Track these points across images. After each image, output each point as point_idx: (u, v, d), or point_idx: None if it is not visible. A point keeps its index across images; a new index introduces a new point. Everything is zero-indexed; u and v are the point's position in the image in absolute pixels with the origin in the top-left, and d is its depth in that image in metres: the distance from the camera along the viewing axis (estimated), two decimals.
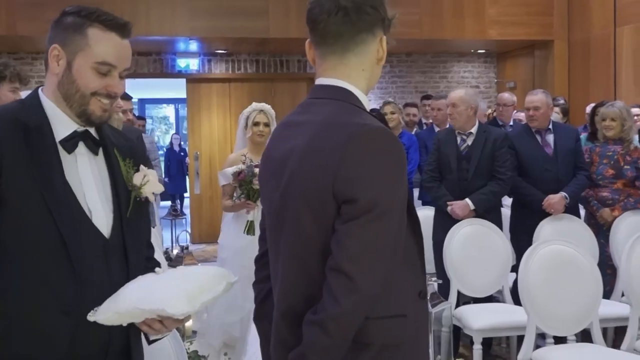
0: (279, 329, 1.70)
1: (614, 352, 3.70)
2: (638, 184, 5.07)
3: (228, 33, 9.09)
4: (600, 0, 9.30)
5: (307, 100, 1.80)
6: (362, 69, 1.74)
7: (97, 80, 1.81)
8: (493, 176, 4.86)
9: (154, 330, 1.76)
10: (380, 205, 1.57)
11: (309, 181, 1.61)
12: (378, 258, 1.58)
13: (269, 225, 1.78)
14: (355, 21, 1.69)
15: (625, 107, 5.21)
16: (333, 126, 1.64)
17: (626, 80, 8.89)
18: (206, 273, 1.79)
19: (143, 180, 1.88)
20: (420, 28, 9.40)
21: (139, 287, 1.70)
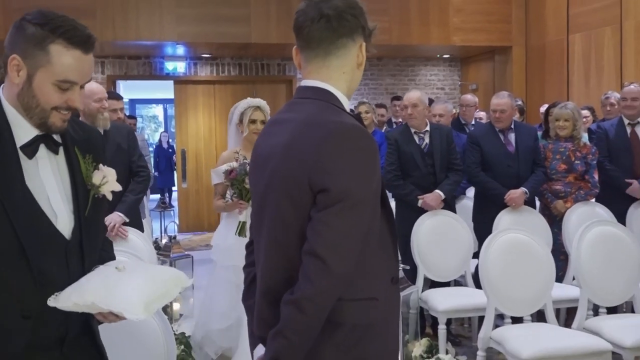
0: (260, 307, 1.71)
1: (566, 331, 3.73)
2: (587, 177, 5.12)
3: (212, 38, 9.05)
4: (554, 10, 9.38)
5: (293, 100, 1.82)
6: (343, 72, 1.76)
7: (58, 96, 1.70)
8: (450, 167, 4.94)
9: (108, 320, 1.71)
10: (353, 196, 1.58)
11: (289, 173, 1.62)
12: (350, 244, 1.59)
13: (253, 215, 1.80)
14: (336, 27, 1.70)
15: (576, 108, 5.26)
16: (313, 124, 1.65)
17: (577, 83, 8.98)
18: (164, 277, 1.73)
19: (102, 180, 1.80)
20: (390, 35, 9.41)
21: (101, 284, 1.64)
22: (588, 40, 8.76)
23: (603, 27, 8.47)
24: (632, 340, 3.46)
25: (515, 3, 9.92)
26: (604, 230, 4.00)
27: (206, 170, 11.10)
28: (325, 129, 1.61)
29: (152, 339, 2.08)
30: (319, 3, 1.71)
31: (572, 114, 5.13)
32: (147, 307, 1.61)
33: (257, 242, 1.76)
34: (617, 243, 3.96)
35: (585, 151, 5.12)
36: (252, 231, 1.87)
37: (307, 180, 1.59)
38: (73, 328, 1.78)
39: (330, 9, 1.69)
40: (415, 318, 4.65)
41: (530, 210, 5.06)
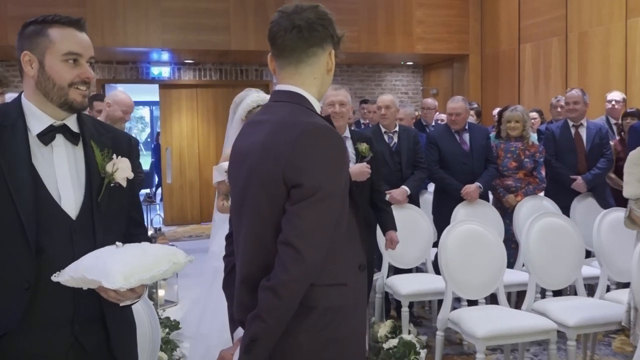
0: (240, 293, 1.71)
1: (516, 312, 3.78)
2: (535, 173, 5.19)
3: (195, 45, 8.98)
4: (506, 22, 9.47)
5: (268, 103, 1.83)
6: (314, 77, 1.76)
7: (70, 72, 1.76)
8: (416, 166, 4.96)
9: (110, 297, 1.66)
10: (324, 190, 1.59)
11: (266, 170, 1.62)
12: (321, 234, 1.60)
13: (233, 208, 1.79)
14: (307, 37, 1.71)
15: (525, 111, 5.32)
16: (287, 124, 1.65)
17: (527, 88, 9.08)
18: (156, 252, 1.70)
19: (113, 167, 1.81)
20: (359, 43, 9.43)
21: (95, 257, 1.63)
22: (537, 49, 8.86)
23: (550, 37, 8.58)
24: (575, 319, 3.52)
25: (472, 16, 10.00)
26: (550, 222, 4.05)
27: (189, 167, 11.04)
28: (298, 129, 1.61)
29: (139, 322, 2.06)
30: (291, 15, 1.71)
31: (521, 116, 5.18)
32: (126, 277, 1.57)
33: (237, 233, 1.75)
34: (561, 233, 4.01)
35: (534, 150, 5.17)
36: (231, 223, 1.87)
37: (282, 176, 1.59)
38: (82, 308, 1.75)
39: (301, 20, 1.70)
40: (380, 302, 4.67)
41: (484, 204, 5.10)
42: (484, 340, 3.35)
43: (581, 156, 5.27)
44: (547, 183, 5.25)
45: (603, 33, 7.71)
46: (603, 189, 5.35)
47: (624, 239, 3.88)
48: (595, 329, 3.72)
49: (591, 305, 3.75)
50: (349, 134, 3.75)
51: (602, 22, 7.72)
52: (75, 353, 1.75)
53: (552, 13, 8.53)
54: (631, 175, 3.46)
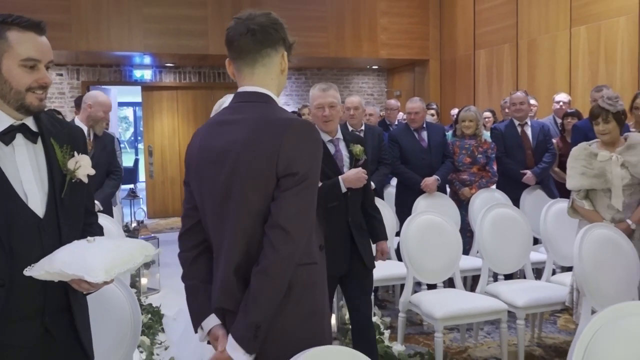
0: (230, 283, 1.67)
1: (471, 294, 3.82)
2: (488, 168, 5.25)
3: (175, 50, 8.87)
4: (463, 30, 9.55)
5: (234, 105, 1.78)
6: (271, 77, 1.77)
7: (27, 76, 1.65)
8: (380, 162, 4.96)
9: (82, 288, 1.64)
10: (310, 177, 1.64)
11: (255, 163, 1.62)
12: (307, 216, 1.65)
13: (211, 204, 1.72)
14: (260, 39, 1.72)
15: (477, 111, 5.37)
16: (270, 121, 1.66)
17: (482, 90, 9.18)
18: (129, 246, 1.68)
19: (76, 165, 1.75)
20: (328, 48, 9.43)
21: (70, 252, 1.60)
22: (490, 55, 8.96)
23: (502, 44, 8.68)
24: (523, 301, 3.58)
25: (432, 24, 10.06)
26: (502, 212, 4.09)
27: (170, 164, 10.93)
28: (285, 124, 1.64)
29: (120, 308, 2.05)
30: (245, 20, 1.73)
31: (474, 116, 5.24)
32: (108, 271, 1.56)
33: (218, 230, 1.71)
34: (512, 222, 4.06)
35: (486, 146, 5.23)
36: (187, 221, 1.82)
37: (275, 168, 1.61)
38: (51, 299, 1.72)
39: (255, 25, 1.72)
40: None
41: (442, 196, 5.13)
42: (441, 320, 3.38)
43: (528, 152, 5.34)
44: (498, 177, 5.31)
45: (550, 40, 7.83)
46: (548, 181, 5.43)
47: (567, 227, 3.94)
48: (542, 309, 3.78)
49: (538, 287, 3.81)
50: (341, 135, 3.25)
51: (549, 30, 7.84)
52: (45, 342, 1.72)
53: (504, 22, 8.63)
54: (573, 169, 3.51)
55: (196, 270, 1.78)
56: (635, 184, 3.39)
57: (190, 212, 1.81)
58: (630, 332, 1.68)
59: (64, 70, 9.81)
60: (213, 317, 1.73)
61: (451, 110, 8.37)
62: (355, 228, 3.11)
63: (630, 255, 3.26)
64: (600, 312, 1.72)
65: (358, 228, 3.13)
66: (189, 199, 1.82)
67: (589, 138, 3.86)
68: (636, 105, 4.58)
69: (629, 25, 6.71)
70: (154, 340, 4.16)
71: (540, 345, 4.16)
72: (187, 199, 1.83)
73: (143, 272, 5.49)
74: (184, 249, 1.83)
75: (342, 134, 3.25)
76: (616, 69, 6.89)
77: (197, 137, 1.81)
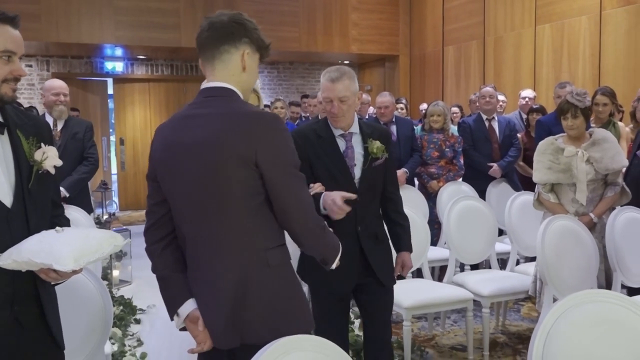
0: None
1: (438, 284, 3.83)
2: (455, 162, 5.30)
3: (147, 42, 8.75)
4: (432, 27, 9.62)
5: (199, 100, 1.78)
6: (231, 74, 1.76)
7: (3, 68, 1.67)
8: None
9: (50, 278, 1.63)
10: (290, 164, 1.72)
11: (237, 153, 1.63)
12: (303, 196, 1.75)
13: (186, 198, 1.71)
14: (218, 36, 1.74)
15: (445, 106, 5.42)
16: (242, 113, 1.67)
17: (450, 86, 9.28)
18: (98, 236, 1.67)
19: (43, 156, 1.74)
20: (300, 43, 9.41)
21: (38, 242, 1.59)
22: (458, 51, 9.05)
23: (470, 41, 8.77)
24: (488, 290, 3.63)
25: (401, 20, 10.11)
26: (468, 204, 4.12)
27: (142, 156, 10.80)
28: (257, 116, 1.68)
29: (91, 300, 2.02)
30: (211, 18, 1.77)
31: (442, 111, 5.27)
32: (77, 259, 1.55)
33: (198, 220, 1.71)
34: (478, 214, 4.10)
35: (453, 140, 5.28)
36: (153, 215, 1.82)
37: (255, 156, 1.63)
38: (20, 289, 1.69)
39: (217, 22, 1.75)
40: None
41: (410, 188, 5.16)
42: (409, 309, 3.40)
43: (495, 146, 5.41)
44: (465, 170, 5.37)
45: (515, 38, 7.94)
46: (513, 174, 5.52)
47: (531, 219, 4.01)
48: (506, 297, 3.83)
49: (503, 277, 3.87)
50: (357, 129, 2.58)
51: (515, 28, 7.95)
52: (15, 331, 1.70)
53: (471, 19, 8.72)
54: (540, 163, 3.54)
55: (165, 261, 1.78)
56: (599, 179, 3.45)
57: (155, 207, 1.81)
58: (588, 319, 1.73)
59: (33, 62, 9.58)
60: (189, 302, 1.75)
61: (420, 105, 8.44)
62: (367, 238, 2.55)
63: (589, 245, 3.34)
64: (561, 300, 1.76)
65: (372, 239, 2.57)
66: (153, 195, 1.81)
67: (552, 133, 3.92)
68: (596, 102, 4.68)
69: (591, 24, 6.85)
70: (126, 332, 4.12)
71: (505, 332, 4.24)
72: (152, 194, 1.81)
73: (115, 264, 5.42)
74: (150, 242, 1.82)
75: (359, 126, 2.59)
76: (578, 66, 7.04)
77: (161, 133, 1.79)
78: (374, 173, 2.56)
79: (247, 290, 1.68)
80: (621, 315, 1.74)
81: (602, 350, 1.69)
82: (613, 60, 6.62)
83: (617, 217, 3.42)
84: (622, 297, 1.80)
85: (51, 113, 4.28)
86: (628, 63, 6.44)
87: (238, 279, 1.68)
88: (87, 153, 4.37)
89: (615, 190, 3.48)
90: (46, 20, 8.03)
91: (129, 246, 5.62)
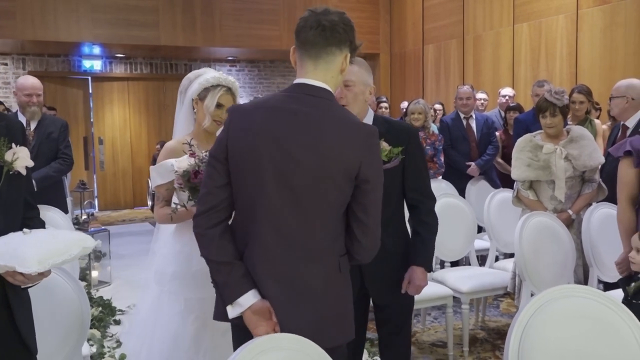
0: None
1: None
2: (435, 159, 5.34)
3: (125, 40, 8.65)
4: (412, 25, 9.67)
5: (296, 94, 1.74)
6: (331, 75, 1.76)
7: None
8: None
9: (18, 281, 1.59)
10: (379, 183, 1.77)
11: (341, 159, 1.66)
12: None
13: (275, 187, 1.67)
14: (328, 36, 1.73)
15: (425, 104, 5.44)
16: (350, 123, 1.72)
17: (430, 84, 9.33)
18: (66, 238, 1.65)
19: (13, 157, 1.71)
20: (280, 41, 9.37)
21: (3, 243, 1.56)
22: (438, 50, 9.11)
23: (450, 39, 8.83)
24: (467, 286, 3.66)
25: (382, 19, 10.14)
26: (448, 202, 4.14)
27: (122, 155, 10.69)
28: (365, 130, 1.73)
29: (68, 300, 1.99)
30: (319, 14, 1.74)
31: (423, 108, 5.30)
32: (41, 261, 1.52)
33: (280, 213, 1.69)
34: (458, 211, 4.13)
35: (434, 138, 5.31)
36: (213, 197, 1.74)
37: (358, 169, 1.67)
38: None
39: (326, 21, 1.72)
40: None
41: None
42: None
43: (473, 144, 5.46)
44: (445, 168, 5.41)
45: (494, 36, 8.02)
46: (491, 172, 5.58)
47: (510, 216, 4.04)
48: (485, 293, 3.89)
49: (482, 273, 3.91)
50: (370, 123, 2.34)
51: (493, 26, 8.03)
52: None
53: (451, 18, 8.78)
54: (519, 160, 3.57)
55: (225, 247, 1.72)
56: (577, 176, 3.50)
57: (216, 190, 1.73)
58: (564, 313, 1.75)
59: (8, 60, 9.44)
60: (253, 293, 1.69)
61: (401, 103, 8.47)
62: None
63: (566, 241, 3.39)
64: (537, 296, 1.79)
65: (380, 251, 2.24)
66: (216, 177, 1.72)
67: (530, 131, 3.97)
68: (573, 100, 4.75)
69: (568, 23, 6.94)
70: (105, 333, 4.08)
71: (484, 328, 4.28)
72: (214, 176, 1.73)
73: (93, 264, 5.36)
74: (205, 226, 1.73)
75: (374, 123, 2.35)
76: (556, 64, 7.13)
77: (247, 117, 1.73)
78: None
79: (326, 293, 1.72)
80: (595, 309, 1.77)
81: (577, 344, 1.71)
82: (589, 59, 6.72)
83: (593, 213, 3.48)
84: (596, 291, 1.83)
85: (24, 113, 4.23)
86: (603, 62, 6.54)
87: (321, 281, 1.71)
88: (62, 153, 4.33)
89: (592, 186, 3.54)
90: (21, 18, 7.90)
91: (108, 246, 5.57)
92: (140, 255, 6.21)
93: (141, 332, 2.44)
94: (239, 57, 10.64)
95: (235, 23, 9.05)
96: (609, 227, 3.47)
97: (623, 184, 2.65)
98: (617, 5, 6.39)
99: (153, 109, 10.64)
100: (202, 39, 8.89)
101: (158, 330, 2.35)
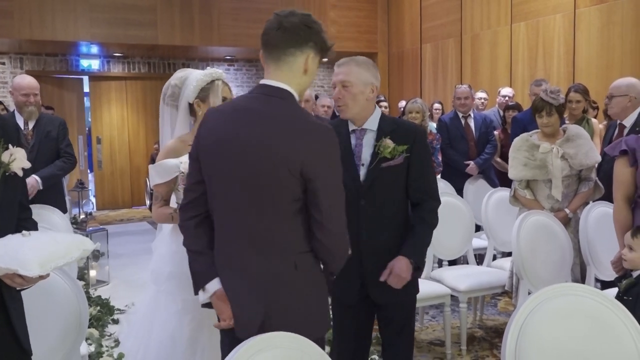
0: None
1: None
2: (433, 158, 5.34)
3: (123, 40, 8.64)
4: (410, 25, 9.68)
5: (255, 95, 1.80)
6: (293, 75, 1.79)
7: None
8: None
9: (16, 283, 1.60)
10: (331, 181, 1.76)
11: (285, 157, 1.67)
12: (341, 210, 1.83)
13: (231, 187, 1.73)
14: (287, 38, 1.75)
15: (423, 103, 5.41)
16: (297, 121, 1.72)
17: (428, 83, 9.34)
18: (66, 240, 1.66)
19: (10, 158, 1.70)
20: None
21: (3, 246, 1.56)
22: (436, 49, 9.12)
23: (447, 39, 8.84)
24: (465, 285, 3.67)
25: (380, 18, 10.14)
26: (446, 201, 4.05)
27: (120, 154, 10.68)
28: (312, 127, 1.72)
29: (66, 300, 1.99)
30: (281, 17, 1.77)
31: (420, 107, 5.27)
32: (42, 265, 1.53)
33: (234, 208, 1.74)
34: (455, 211, 4.13)
35: (431, 137, 5.29)
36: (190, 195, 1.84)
37: (301, 166, 1.67)
38: None
39: (287, 23, 1.75)
40: None
41: None
42: None
43: (471, 143, 5.47)
44: (442, 167, 5.41)
45: (491, 35, 8.03)
46: (489, 171, 5.58)
47: (507, 215, 4.05)
48: (483, 292, 3.89)
49: (479, 272, 3.91)
50: (374, 126, 2.36)
51: (491, 26, 8.04)
52: None
53: (448, 17, 8.78)
54: (515, 160, 3.58)
55: (198, 238, 1.84)
56: (573, 175, 3.51)
57: (194, 186, 1.84)
58: (561, 312, 1.76)
59: (6, 59, 9.42)
60: (217, 280, 1.79)
61: (399, 102, 8.48)
62: (370, 247, 2.31)
63: (563, 240, 3.39)
64: (533, 294, 1.80)
65: (376, 247, 2.32)
66: (193, 174, 1.84)
67: (527, 130, 3.98)
68: (570, 99, 4.76)
69: (565, 22, 6.95)
70: (104, 333, 4.08)
71: (482, 327, 4.29)
72: (192, 174, 1.85)
73: (92, 264, 5.36)
74: (184, 218, 1.87)
75: (380, 123, 2.38)
76: (553, 63, 7.14)
77: (213, 119, 1.81)
78: (384, 174, 2.30)
79: (278, 290, 1.73)
80: (592, 308, 1.78)
81: (575, 342, 1.72)
82: (586, 58, 6.73)
83: (589, 212, 3.49)
84: (594, 290, 1.84)
85: (21, 113, 4.20)
86: (600, 61, 6.56)
87: (270, 277, 1.72)
88: (64, 152, 4.29)
89: (589, 185, 3.55)
90: (19, 17, 7.89)
91: (106, 246, 5.57)
92: (138, 254, 6.22)
93: (138, 332, 2.44)
94: (236, 57, 10.64)
95: (233, 22, 9.05)
96: (606, 226, 3.48)
97: (619, 183, 2.66)
98: (613, 5, 6.41)
99: (151, 108, 10.62)
100: (199, 38, 8.89)
101: (155, 330, 2.36)
